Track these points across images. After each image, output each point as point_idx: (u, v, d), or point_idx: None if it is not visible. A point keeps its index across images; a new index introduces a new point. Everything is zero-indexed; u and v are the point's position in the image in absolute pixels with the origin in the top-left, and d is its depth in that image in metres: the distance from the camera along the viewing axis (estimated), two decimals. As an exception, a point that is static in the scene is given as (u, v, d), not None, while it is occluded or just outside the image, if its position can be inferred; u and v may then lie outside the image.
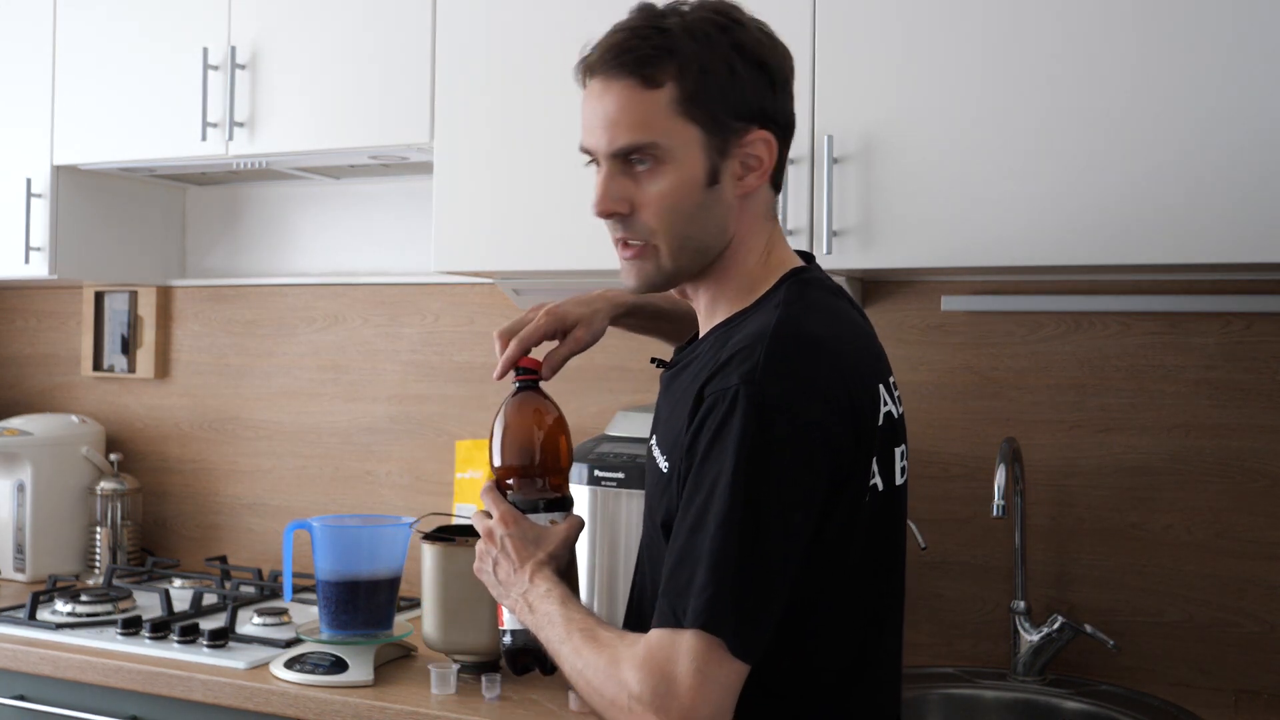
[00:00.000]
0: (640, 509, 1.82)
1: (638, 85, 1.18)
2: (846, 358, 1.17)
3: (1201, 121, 1.64)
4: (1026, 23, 1.72)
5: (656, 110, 1.18)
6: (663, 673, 1.07)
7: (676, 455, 1.18)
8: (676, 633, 1.08)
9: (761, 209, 1.25)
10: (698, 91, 1.17)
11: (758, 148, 1.20)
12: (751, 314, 1.21)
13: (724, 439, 1.09)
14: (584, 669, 1.15)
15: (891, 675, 1.28)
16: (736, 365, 1.12)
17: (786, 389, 1.10)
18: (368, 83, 2.18)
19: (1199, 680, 1.93)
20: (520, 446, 1.34)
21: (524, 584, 1.27)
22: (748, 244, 1.24)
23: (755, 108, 1.20)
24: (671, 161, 1.19)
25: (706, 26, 1.18)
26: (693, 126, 1.18)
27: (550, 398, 1.38)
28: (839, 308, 1.25)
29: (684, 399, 1.20)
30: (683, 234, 1.21)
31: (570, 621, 1.19)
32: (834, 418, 1.12)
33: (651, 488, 1.26)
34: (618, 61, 1.19)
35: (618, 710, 1.10)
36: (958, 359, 2.08)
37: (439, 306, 2.54)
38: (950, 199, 1.76)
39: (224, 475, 2.76)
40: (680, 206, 1.20)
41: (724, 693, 1.07)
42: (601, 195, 1.22)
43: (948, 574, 2.07)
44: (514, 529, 1.30)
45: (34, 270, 2.50)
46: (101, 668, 1.99)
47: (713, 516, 1.08)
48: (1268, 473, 1.91)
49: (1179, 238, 1.65)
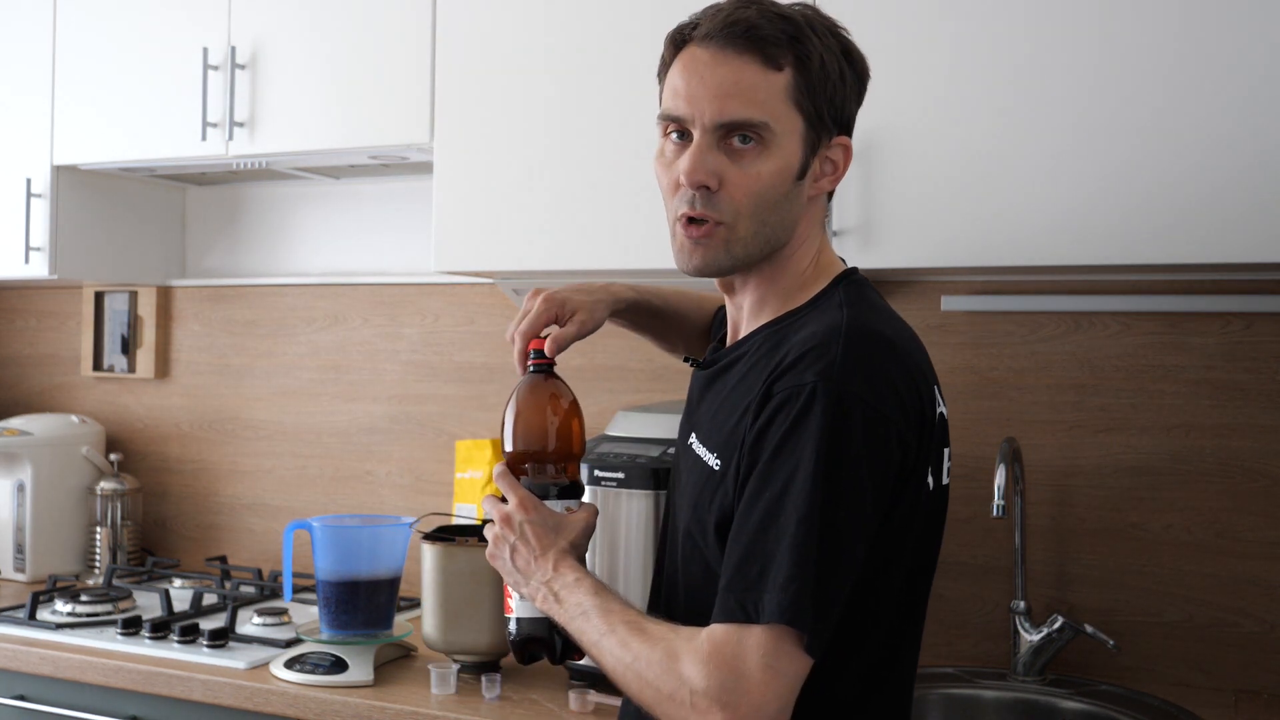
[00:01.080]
0: (640, 509, 1.84)
1: (760, 64, 1.16)
2: (912, 358, 1.19)
3: (1202, 122, 1.64)
4: (1027, 23, 1.72)
5: (773, 92, 1.17)
6: (731, 668, 1.06)
7: (732, 452, 1.17)
8: (745, 628, 1.07)
9: (819, 214, 1.27)
10: (811, 84, 1.18)
11: (838, 153, 1.23)
12: (807, 313, 1.21)
13: (800, 434, 1.09)
14: (633, 663, 1.13)
15: (913, 676, 1.28)
16: (811, 362, 1.12)
17: (864, 387, 1.11)
18: (368, 83, 2.18)
19: (1199, 680, 1.93)
20: (533, 431, 1.32)
21: (547, 572, 1.24)
22: (804, 245, 1.26)
23: (848, 114, 1.23)
24: (775, 146, 1.18)
25: (824, 27, 1.20)
26: (799, 117, 1.18)
27: (564, 382, 1.36)
28: (893, 311, 1.27)
29: (737, 396, 1.19)
30: (762, 220, 1.20)
31: (610, 613, 1.17)
32: (904, 416, 1.13)
33: (694, 487, 1.24)
34: (745, 36, 1.17)
35: (676, 705, 1.09)
36: (958, 359, 2.08)
37: (439, 306, 2.54)
38: (950, 199, 1.76)
39: (224, 475, 2.76)
40: (769, 193, 1.19)
41: (791, 688, 1.07)
42: (695, 165, 1.18)
43: (948, 574, 2.07)
44: (534, 515, 1.28)
45: (34, 270, 2.50)
46: (101, 668, 1.99)
47: (790, 511, 1.08)
48: (1268, 473, 1.91)
49: (1179, 238, 1.65)
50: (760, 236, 1.21)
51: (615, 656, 1.15)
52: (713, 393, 1.28)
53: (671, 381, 2.29)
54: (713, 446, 1.22)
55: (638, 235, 1.92)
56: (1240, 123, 1.62)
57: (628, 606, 1.19)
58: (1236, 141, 1.62)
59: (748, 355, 1.23)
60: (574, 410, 1.35)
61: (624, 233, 1.94)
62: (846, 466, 1.09)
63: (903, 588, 1.20)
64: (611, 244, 1.96)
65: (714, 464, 1.21)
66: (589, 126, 1.98)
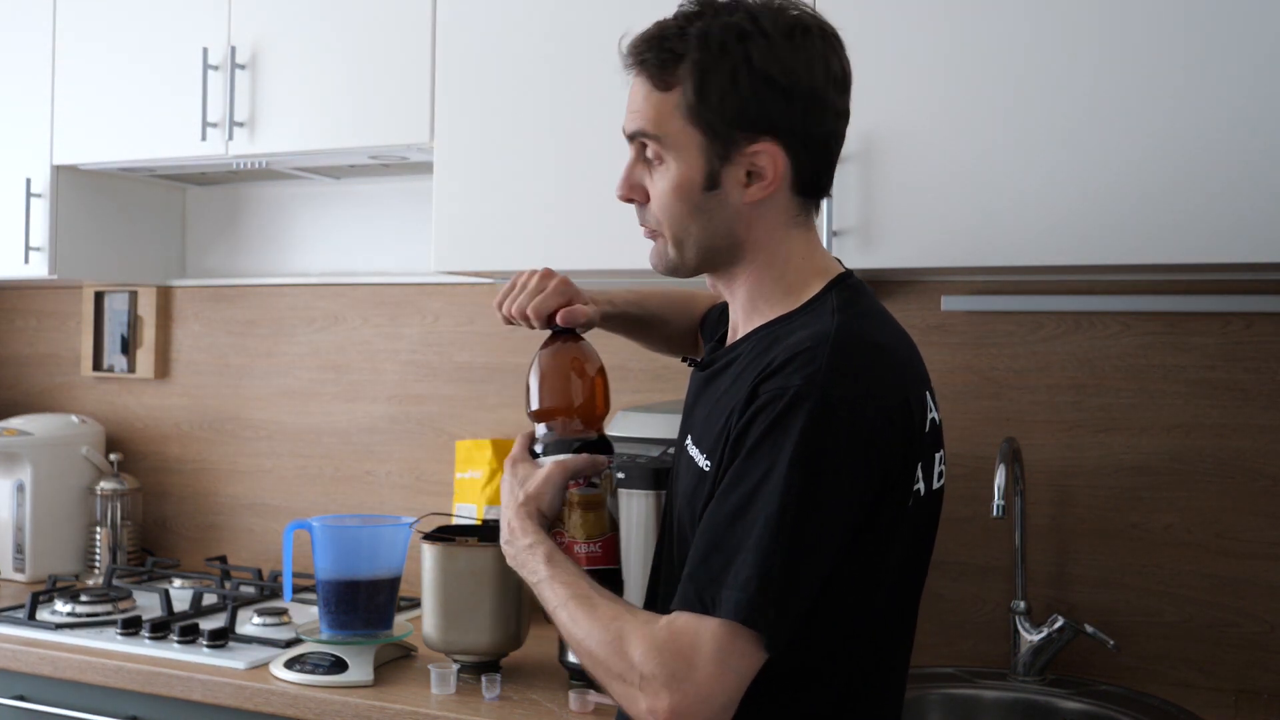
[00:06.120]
0: (640, 509, 1.84)
1: (653, 85, 1.22)
2: (902, 365, 1.19)
3: (1202, 122, 1.64)
4: (1027, 22, 1.72)
5: (666, 110, 1.21)
6: (683, 656, 1.08)
7: (719, 451, 1.18)
8: (702, 619, 1.08)
9: (782, 216, 1.24)
10: (704, 99, 1.19)
11: (761, 159, 1.21)
12: (800, 317, 1.21)
13: (779, 436, 1.10)
14: (584, 639, 1.16)
15: (903, 679, 1.28)
16: (799, 366, 1.12)
17: (849, 393, 1.11)
18: (368, 83, 2.18)
19: (1199, 680, 1.93)
20: (557, 390, 1.34)
21: (512, 533, 1.29)
22: (772, 249, 1.25)
23: (760, 119, 1.20)
24: (674, 159, 1.22)
25: (726, 35, 1.19)
26: (695, 131, 1.20)
27: (586, 341, 1.38)
28: (888, 315, 1.26)
29: (728, 398, 1.20)
30: (682, 230, 1.24)
31: (561, 585, 1.21)
32: (889, 424, 1.13)
33: (688, 488, 1.25)
34: (639, 59, 1.23)
35: (625, 686, 1.11)
36: (958, 359, 2.08)
37: (439, 306, 2.54)
38: (950, 199, 1.76)
39: (224, 475, 2.76)
40: (676, 204, 1.23)
41: (740, 684, 1.09)
42: (621, 180, 1.27)
43: (948, 574, 2.07)
44: (509, 469, 1.33)
45: (34, 270, 2.50)
46: (101, 668, 1.99)
47: (758, 511, 1.09)
48: (1268, 473, 1.91)
49: (1179, 238, 1.65)
50: (688, 244, 1.25)
51: (568, 631, 1.19)
52: (707, 394, 1.29)
53: (671, 381, 2.29)
54: (704, 448, 1.23)
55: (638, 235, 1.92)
56: (1240, 123, 1.62)
57: (579, 578, 1.21)
58: (1236, 141, 1.62)
59: (740, 358, 1.24)
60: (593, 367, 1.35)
61: (624, 233, 1.93)
62: (824, 471, 1.09)
63: (888, 596, 1.20)
64: (611, 244, 1.95)
65: (704, 465, 1.22)
66: (589, 126, 1.98)
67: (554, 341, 1.38)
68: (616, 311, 1.55)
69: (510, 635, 1.92)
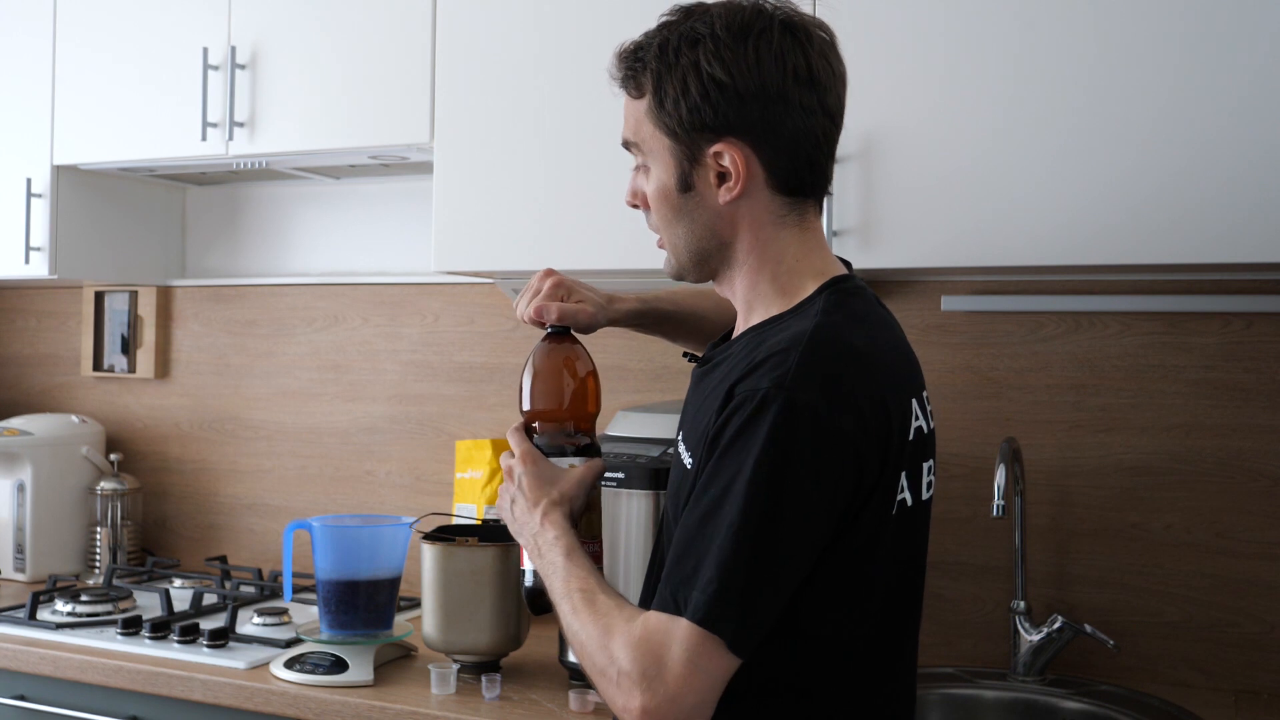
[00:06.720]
0: (640, 509, 1.84)
1: (628, 94, 1.27)
2: (882, 370, 1.18)
3: (1202, 122, 1.64)
4: (1027, 23, 1.72)
5: (639, 118, 1.26)
6: (656, 656, 1.09)
7: (700, 450, 1.18)
8: (674, 620, 1.10)
9: (766, 216, 1.24)
10: (663, 104, 1.23)
11: (725, 159, 1.21)
12: (788, 319, 1.21)
13: (747, 438, 1.10)
14: (578, 631, 1.18)
15: (908, 687, 1.28)
16: (770, 369, 1.12)
17: (817, 397, 1.10)
18: (368, 83, 2.18)
19: (1199, 680, 1.93)
20: (546, 390, 1.36)
21: (535, 525, 1.29)
22: (762, 251, 1.24)
23: (716, 121, 1.20)
24: (653, 164, 1.26)
25: (680, 43, 1.21)
26: (663, 135, 1.24)
27: (580, 344, 1.39)
28: (880, 319, 1.25)
29: (713, 397, 1.20)
30: (672, 234, 1.28)
31: (571, 578, 1.22)
32: (862, 430, 1.12)
33: (676, 486, 1.26)
34: (618, 70, 1.28)
35: (605, 680, 1.13)
36: (958, 359, 2.08)
37: (439, 306, 2.54)
38: (950, 199, 1.76)
39: (224, 475, 2.76)
40: (662, 208, 1.27)
41: (712, 684, 1.10)
42: (627, 188, 1.32)
43: (948, 574, 2.07)
44: (531, 467, 1.33)
45: (34, 270, 2.50)
46: (101, 668, 1.99)
47: (725, 514, 1.09)
48: (1268, 473, 1.91)
49: (1179, 238, 1.65)
50: (680, 248, 1.28)
51: (566, 620, 1.21)
52: (697, 393, 1.29)
53: (671, 381, 2.29)
54: (689, 446, 1.24)
55: (638, 235, 1.92)
56: (1240, 123, 1.62)
57: (589, 574, 1.22)
58: (1236, 141, 1.62)
59: (730, 358, 1.24)
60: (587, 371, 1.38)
61: (624, 233, 1.94)
62: (788, 476, 1.09)
63: (880, 612, 1.19)
64: (612, 244, 1.96)
65: (688, 463, 1.23)
66: (589, 126, 1.98)
67: (548, 342, 1.39)
68: (647, 309, 1.52)
69: (510, 635, 1.92)
